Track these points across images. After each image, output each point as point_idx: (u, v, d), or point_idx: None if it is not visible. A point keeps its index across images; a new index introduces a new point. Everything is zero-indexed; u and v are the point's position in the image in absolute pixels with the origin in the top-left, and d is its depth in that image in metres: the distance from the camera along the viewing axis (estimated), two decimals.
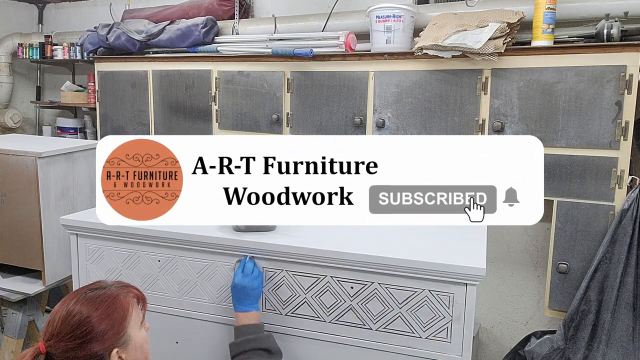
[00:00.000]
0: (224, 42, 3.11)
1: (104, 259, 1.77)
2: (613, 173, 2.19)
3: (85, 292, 1.21)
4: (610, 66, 2.15)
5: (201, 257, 1.64)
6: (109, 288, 1.23)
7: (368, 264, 1.46)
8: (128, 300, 1.23)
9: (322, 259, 1.50)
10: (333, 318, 1.53)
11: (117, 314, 1.18)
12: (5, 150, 2.39)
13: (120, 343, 1.17)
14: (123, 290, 1.24)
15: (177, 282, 1.68)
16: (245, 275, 1.50)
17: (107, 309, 1.17)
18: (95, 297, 1.19)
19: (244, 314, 1.49)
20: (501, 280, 2.87)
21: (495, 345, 2.95)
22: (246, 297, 1.49)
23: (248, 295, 1.49)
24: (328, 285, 1.52)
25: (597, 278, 2.20)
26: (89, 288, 1.23)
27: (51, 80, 4.63)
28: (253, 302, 1.50)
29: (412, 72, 2.51)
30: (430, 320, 1.44)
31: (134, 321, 1.22)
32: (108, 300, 1.19)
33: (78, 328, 1.13)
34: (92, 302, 1.17)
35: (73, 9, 4.44)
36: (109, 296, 1.20)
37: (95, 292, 1.21)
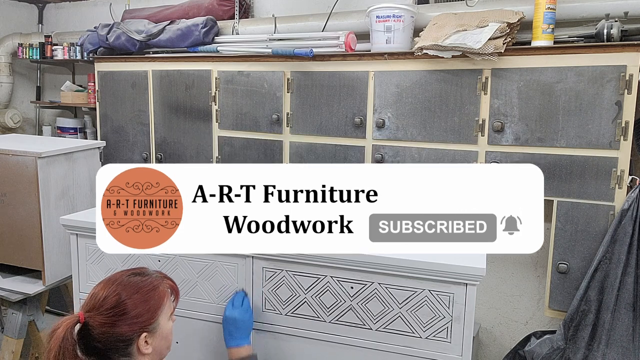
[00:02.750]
0: (224, 42, 3.11)
1: (104, 259, 1.77)
2: (613, 173, 2.19)
3: (129, 276, 1.29)
4: (610, 66, 2.15)
5: (201, 257, 1.64)
6: (151, 276, 1.31)
7: (368, 264, 1.46)
8: (165, 291, 1.31)
9: (322, 259, 1.50)
10: (333, 318, 1.53)
11: (154, 301, 1.27)
12: (5, 150, 2.39)
13: (150, 329, 1.25)
14: (162, 281, 1.32)
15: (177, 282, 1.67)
16: (235, 307, 1.53)
17: (145, 295, 1.26)
18: (138, 282, 1.27)
19: (235, 350, 1.51)
20: (501, 280, 2.87)
21: (495, 345, 2.95)
22: (236, 330, 1.51)
23: (238, 328, 1.51)
24: (328, 285, 1.52)
25: (597, 278, 2.20)
26: (133, 272, 1.31)
27: (51, 80, 4.63)
28: (244, 336, 1.52)
29: (412, 72, 2.51)
30: (430, 320, 1.44)
31: (166, 312, 1.30)
32: (148, 287, 1.27)
33: (117, 306, 1.21)
34: (134, 286, 1.26)
35: (73, 9, 4.44)
36: (149, 284, 1.28)
37: (139, 277, 1.29)
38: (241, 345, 1.50)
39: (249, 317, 1.54)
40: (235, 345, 1.51)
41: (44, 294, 2.77)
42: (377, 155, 2.63)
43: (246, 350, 1.51)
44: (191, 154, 3.17)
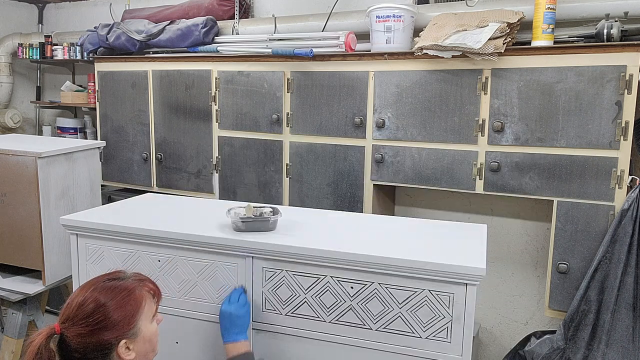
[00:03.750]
0: (224, 42, 3.11)
1: (104, 259, 1.77)
2: (613, 173, 2.19)
3: (104, 281, 1.25)
4: (610, 66, 2.15)
5: (201, 257, 1.64)
6: (127, 280, 1.27)
7: (368, 264, 1.46)
8: (142, 294, 1.26)
9: (322, 259, 1.50)
10: (333, 318, 1.53)
11: (131, 306, 1.22)
12: (5, 150, 2.39)
13: (129, 334, 1.21)
14: (139, 284, 1.28)
15: (177, 282, 1.68)
16: (232, 303, 1.52)
17: (121, 301, 1.21)
18: (112, 287, 1.23)
19: (232, 345, 1.50)
20: (501, 280, 2.87)
21: (495, 345, 2.95)
22: (233, 326, 1.51)
23: (234, 324, 1.50)
24: (328, 285, 1.52)
25: (597, 278, 2.20)
26: (108, 277, 1.27)
27: (51, 80, 4.63)
28: (240, 331, 1.51)
29: (412, 72, 2.51)
30: (430, 320, 1.44)
31: (146, 315, 1.26)
32: (124, 292, 1.23)
33: (92, 315, 1.18)
34: (109, 292, 1.22)
35: (73, 9, 4.44)
36: (125, 288, 1.24)
37: (114, 282, 1.25)
38: (237, 341, 1.50)
39: (245, 313, 1.52)
40: (232, 340, 1.50)
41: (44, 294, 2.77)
42: (377, 155, 2.63)
43: (243, 345, 1.50)
44: (191, 154, 3.17)
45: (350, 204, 2.74)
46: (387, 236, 1.66)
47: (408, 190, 3.05)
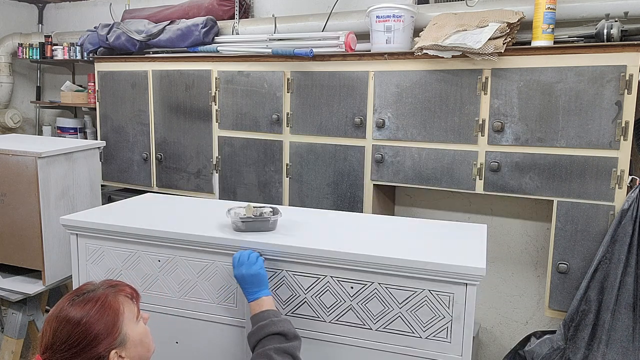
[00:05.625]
0: (224, 42, 3.11)
1: (104, 259, 1.77)
2: (613, 173, 2.19)
3: (73, 299, 1.17)
4: (610, 66, 2.15)
5: (201, 257, 1.64)
6: (97, 290, 1.20)
7: (368, 264, 1.46)
8: (118, 299, 1.19)
9: (322, 259, 1.49)
10: (333, 318, 1.53)
11: (108, 316, 1.15)
12: (5, 150, 2.39)
13: (117, 343, 1.15)
14: (112, 290, 1.20)
15: (177, 282, 1.68)
16: (241, 263, 1.49)
17: (96, 314, 1.14)
18: (83, 302, 1.16)
19: (255, 303, 1.46)
20: (501, 280, 2.87)
21: (495, 345, 2.95)
22: (250, 285, 1.47)
23: (251, 283, 1.47)
24: (328, 285, 1.52)
25: (597, 278, 2.20)
26: (76, 293, 1.19)
27: (51, 80, 4.63)
28: (260, 288, 1.47)
29: (412, 72, 2.51)
30: (430, 320, 1.44)
31: (128, 319, 1.19)
32: (97, 304, 1.15)
33: (70, 338, 1.11)
34: (81, 308, 1.14)
35: (73, 9, 4.44)
36: (97, 299, 1.16)
37: (83, 296, 1.17)
38: (259, 298, 1.46)
39: (258, 269, 1.48)
40: (254, 298, 1.46)
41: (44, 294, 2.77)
42: (377, 155, 2.63)
43: (265, 301, 1.46)
44: (191, 154, 3.17)
45: (350, 204, 2.74)
46: (387, 236, 1.66)
47: (408, 190, 3.05)
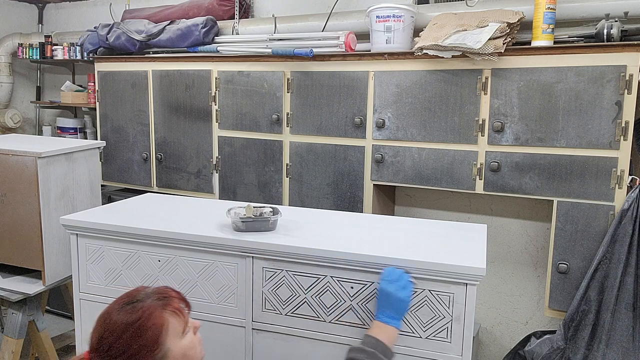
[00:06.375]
0: (224, 42, 3.11)
1: (104, 259, 1.77)
2: (613, 173, 2.19)
3: (122, 306, 1.16)
4: (610, 66, 2.15)
5: (201, 257, 1.64)
6: (146, 300, 1.17)
7: (368, 264, 1.46)
8: (162, 316, 1.15)
9: (322, 259, 1.50)
10: (333, 318, 1.53)
11: (151, 332, 1.13)
12: (5, 150, 2.39)
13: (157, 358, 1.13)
14: (160, 304, 1.17)
15: (177, 282, 1.68)
16: (393, 280, 1.40)
17: (139, 329, 1.12)
18: (130, 312, 1.14)
19: (380, 325, 1.39)
20: (501, 280, 2.87)
21: (495, 345, 2.95)
22: (389, 306, 1.39)
23: (391, 305, 1.39)
24: (328, 285, 1.52)
25: (597, 278, 2.20)
26: (125, 301, 1.17)
27: (51, 80, 4.63)
28: (396, 315, 1.40)
29: (412, 72, 2.51)
30: (430, 320, 1.44)
31: (172, 334, 1.16)
32: (141, 319, 1.13)
33: (112, 349, 1.11)
34: (126, 320, 1.13)
35: (73, 9, 4.44)
36: (140, 315, 1.14)
37: (132, 305, 1.16)
38: (387, 324, 1.39)
39: (407, 296, 1.39)
40: (382, 320, 1.39)
41: (44, 294, 2.77)
42: (377, 155, 2.63)
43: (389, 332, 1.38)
44: (191, 154, 3.17)
45: (350, 204, 2.74)
46: (387, 236, 1.66)
47: (408, 190, 3.05)
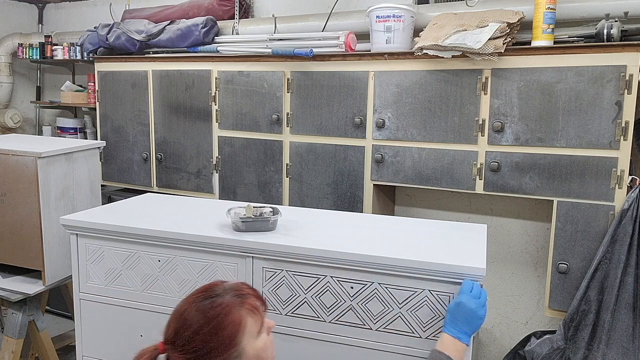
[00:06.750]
0: (224, 42, 3.11)
1: (104, 259, 1.77)
2: (613, 173, 2.19)
3: (201, 300, 1.15)
4: (610, 66, 2.15)
5: (201, 257, 1.64)
6: (224, 296, 1.15)
7: (368, 264, 1.46)
8: (241, 313, 1.14)
9: (322, 259, 1.50)
10: (333, 318, 1.53)
11: (229, 330, 1.11)
12: (5, 150, 2.39)
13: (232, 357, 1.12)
14: (238, 301, 1.15)
15: (177, 282, 1.68)
16: (474, 296, 1.36)
17: (216, 327, 1.11)
18: (208, 308, 1.13)
19: (451, 339, 1.34)
20: (501, 280, 2.87)
21: (495, 345, 2.95)
22: (463, 321, 1.35)
23: (466, 319, 1.35)
24: (328, 285, 1.52)
25: (597, 278, 2.20)
26: (204, 295, 1.16)
27: (51, 80, 4.63)
28: (468, 331, 1.36)
29: (412, 72, 2.51)
30: (430, 320, 1.44)
31: (249, 334, 1.14)
32: (220, 315, 1.12)
33: (188, 343, 1.11)
34: (204, 316, 1.12)
35: (73, 9, 4.44)
36: (219, 312, 1.12)
37: (211, 301, 1.14)
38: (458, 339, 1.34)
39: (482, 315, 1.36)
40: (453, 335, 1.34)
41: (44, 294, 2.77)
42: (377, 155, 2.63)
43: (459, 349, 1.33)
44: (191, 154, 3.17)
45: (350, 204, 2.74)
46: (387, 236, 1.66)
47: (408, 190, 3.05)
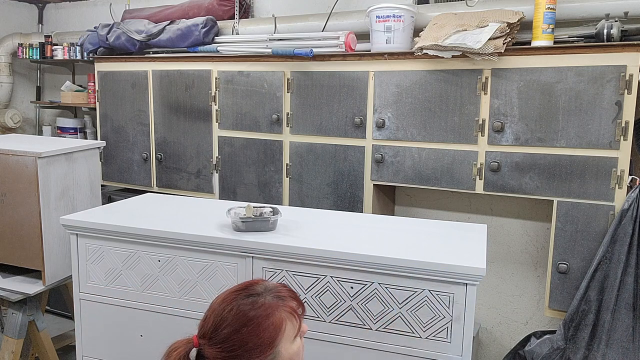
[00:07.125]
0: (224, 42, 3.11)
1: (104, 259, 1.77)
2: (613, 173, 2.19)
3: (242, 298, 1.14)
4: (610, 66, 2.15)
5: (201, 257, 1.64)
6: (265, 296, 1.14)
7: (368, 264, 1.46)
8: (281, 317, 1.12)
9: (322, 259, 1.50)
10: (333, 318, 1.53)
11: (269, 332, 1.10)
12: (5, 150, 2.39)
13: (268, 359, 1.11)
14: (279, 303, 1.14)
15: (177, 282, 1.68)
16: None
17: (257, 327, 1.10)
18: (249, 308, 1.11)
19: None
20: (501, 280, 2.87)
21: (495, 345, 2.95)
22: None
23: None
24: (328, 285, 1.52)
25: (597, 278, 2.20)
26: (245, 293, 1.15)
27: (51, 80, 4.63)
28: None
29: (412, 72, 2.51)
30: (430, 320, 1.44)
31: (287, 337, 1.13)
32: (260, 317, 1.11)
33: (226, 341, 1.09)
34: (244, 315, 1.10)
35: (73, 9, 4.44)
36: (262, 313, 1.11)
37: (252, 299, 1.13)
38: None
39: None
40: None
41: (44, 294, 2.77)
42: (377, 155, 2.63)
43: None
44: (191, 154, 3.17)
45: (350, 204, 2.74)
46: (387, 236, 1.66)
47: (408, 190, 3.05)
